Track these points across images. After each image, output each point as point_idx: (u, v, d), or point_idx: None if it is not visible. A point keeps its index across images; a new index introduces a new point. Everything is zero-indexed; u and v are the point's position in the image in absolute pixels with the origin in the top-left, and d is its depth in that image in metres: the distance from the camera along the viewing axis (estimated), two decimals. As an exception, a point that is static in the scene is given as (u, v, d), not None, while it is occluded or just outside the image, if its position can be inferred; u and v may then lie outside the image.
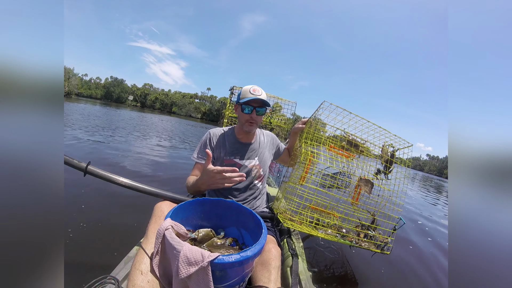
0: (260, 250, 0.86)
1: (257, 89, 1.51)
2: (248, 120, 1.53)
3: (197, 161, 1.57)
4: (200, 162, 1.56)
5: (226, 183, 1.21)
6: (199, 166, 1.57)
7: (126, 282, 0.92)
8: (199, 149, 1.59)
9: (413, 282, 2.37)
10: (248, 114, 1.51)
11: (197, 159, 1.57)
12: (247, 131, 1.57)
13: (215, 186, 1.26)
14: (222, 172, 1.19)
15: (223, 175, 1.19)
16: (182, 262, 0.75)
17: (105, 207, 2.62)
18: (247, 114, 1.52)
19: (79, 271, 1.64)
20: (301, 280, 1.18)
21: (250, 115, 1.51)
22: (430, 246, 3.47)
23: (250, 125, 1.54)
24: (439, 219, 5.53)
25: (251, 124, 1.54)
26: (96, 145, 5.96)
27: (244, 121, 1.55)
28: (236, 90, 3.44)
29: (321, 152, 1.44)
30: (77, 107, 19.75)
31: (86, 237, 2.02)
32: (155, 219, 1.12)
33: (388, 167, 1.50)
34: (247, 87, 1.52)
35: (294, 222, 1.49)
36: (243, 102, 1.50)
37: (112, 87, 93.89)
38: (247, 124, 1.54)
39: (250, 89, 1.50)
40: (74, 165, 1.20)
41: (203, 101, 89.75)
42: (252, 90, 1.49)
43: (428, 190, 13.34)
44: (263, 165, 1.66)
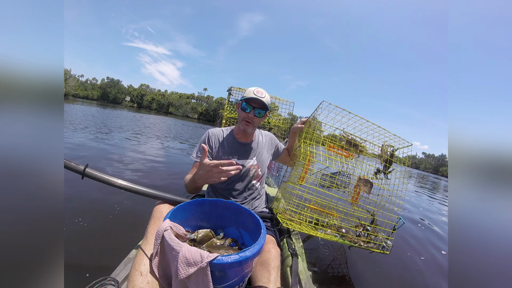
0: (259, 250, 0.86)
1: (260, 91, 1.53)
2: (245, 118, 1.55)
3: (196, 160, 1.57)
4: (198, 161, 1.54)
5: (222, 177, 1.19)
6: (197, 164, 1.55)
7: (126, 283, 0.92)
8: (198, 148, 1.60)
9: (412, 282, 2.38)
10: (246, 113, 1.53)
11: (196, 158, 1.57)
12: (243, 129, 1.58)
13: (212, 180, 1.22)
14: (219, 165, 1.17)
15: (220, 169, 1.17)
16: (181, 263, 0.76)
17: (104, 209, 2.62)
18: (246, 113, 1.53)
19: (79, 273, 1.63)
20: (301, 279, 1.18)
21: (248, 114, 1.53)
22: (429, 246, 3.48)
23: (246, 124, 1.56)
24: (438, 219, 5.55)
25: (248, 124, 1.55)
26: (96, 145, 5.96)
27: (241, 119, 1.57)
28: (234, 90, 3.43)
29: (320, 152, 1.44)
30: (74, 109, 19.65)
31: (86, 239, 2.02)
32: (154, 221, 1.12)
33: (387, 167, 1.50)
34: (252, 88, 1.54)
35: (293, 222, 1.49)
36: (243, 99, 1.53)
37: (109, 88, 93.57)
38: (244, 122, 1.56)
39: (254, 90, 1.52)
40: (72, 168, 1.19)
41: (200, 102, 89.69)
42: (256, 91, 1.52)
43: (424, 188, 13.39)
44: (261, 165, 1.67)
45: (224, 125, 3.57)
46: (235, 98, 3.46)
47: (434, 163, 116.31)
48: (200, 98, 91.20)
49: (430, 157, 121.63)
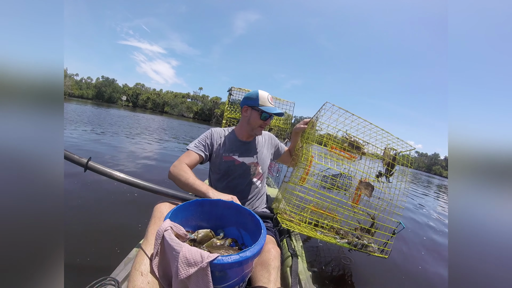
0: (259, 250, 0.86)
1: (272, 99, 1.62)
2: (261, 125, 1.61)
3: (194, 150, 1.55)
4: (195, 151, 1.54)
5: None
6: (193, 154, 1.53)
7: (126, 283, 0.92)
8: (198, 141, 1.60)
9: (412, 283, 2.39)
10: (264, 121, 1.59)
11: (193, 148, 1.56)
12: (257, 134, 1.66)
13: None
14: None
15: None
16: (182, 263, 0.75)
17: (105, 209, 2.61)
18: (263, 121, 1.59)
19: (79, 273, 1.63)
20: (301, 280, 1.18)
21: (266, 122, 1.60)
22: (429, 245, 3.49)
23: (261, 129, 1.63)
24: (438, 218, 5.58)
25: (262, 129, 1.63)
26: (95, 144, 5.94)
27: (257, 126, 1.61)
28: (235, 91, 3.42)
29: (322, 153, 1.45)
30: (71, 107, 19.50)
31: (86, 239, 2.02)
32: (154, 220, 1.12)
33: (389, 170, 1.50)
34: (265, 94, 1.58)
35: (293, 223, 1.49)
36: (264, 110, 1.56)
37: (104, 87, 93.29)
38: (259, 128, 1.62)
39: (268, 97, 1.58)
40: (75, 160, 1.20)
41: (195, 101, 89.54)
42: (270, 98, 1.59)
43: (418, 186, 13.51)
44: (261, 163, 1.68)
45: (225, 125, 3.55)
46: (235, 98, 3.45)
47: (428, 162, 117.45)
48: (195, 97, 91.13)
49: (423, 156, 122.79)
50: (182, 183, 1.37)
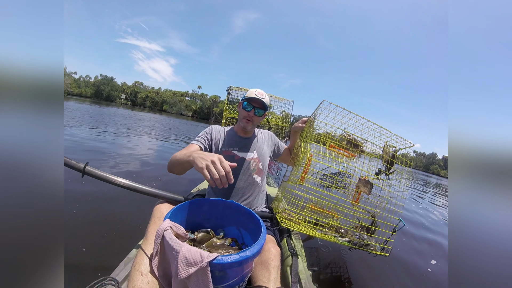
0: (259, 250, 0.86)
1: (261, 92, 1.63)
2: (245, 117, 1.62)
3: (193, 142, 1.56)
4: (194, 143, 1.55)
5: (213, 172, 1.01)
6: (192, 146, 1.54)
7: (126, 283, 0.92)
8: (198, 136, 1.63)
9: (411, 282, 2.39)
10: (247, 111, 1.61)
11: (193, 141, 1.58)
12: (243, 127, 1.65)
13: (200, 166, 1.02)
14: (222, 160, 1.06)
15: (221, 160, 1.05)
16: (181, 262, 0.76)
17: (104, 209, 2.62)
18: (246, 111, 1.61)
19: (79, 273, 1.64)
20: (301, 279, 1.18)
21: (248, 112, 1.61)
22: (429, 245, 3.51)
23: (246, 122, 1.63)
24: (438, 219, 5.60)
25: (248, 122, 1.63)
26: (96, 144, 5.91)
27: (242, 117, 1.65)
28: (233, 90, 3.42)
29: (321, 152, 1.44)
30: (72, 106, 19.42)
31: (86, 239, 2.02)
32: (154, 220, 1.12)
33: (389, 168, 1.50)
34: (253, 89, 1.64)
35: (292, 222, 1.49)
36: (245, 99, 1.62)
37: (102, 85, 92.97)
38: (244, 120, 1.63)
39: (256, 91, 1.62)
40: (72, 166, 1.20)
41: (193, 99, 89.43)
42: (257, 92, 1.62)
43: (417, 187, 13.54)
44: (262, 159, 1.68)
45: (224, 124, 3.54)
46: (234, 97, 3.45)
47: (425, 161, 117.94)
48: (194, 95, 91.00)
49: (421, 155, 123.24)
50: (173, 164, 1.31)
